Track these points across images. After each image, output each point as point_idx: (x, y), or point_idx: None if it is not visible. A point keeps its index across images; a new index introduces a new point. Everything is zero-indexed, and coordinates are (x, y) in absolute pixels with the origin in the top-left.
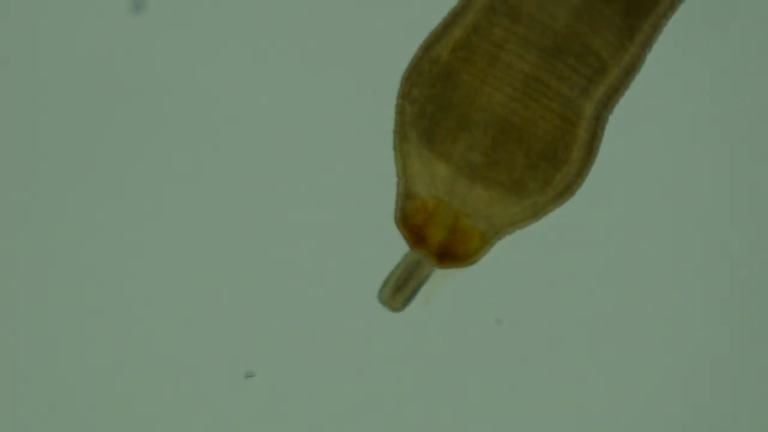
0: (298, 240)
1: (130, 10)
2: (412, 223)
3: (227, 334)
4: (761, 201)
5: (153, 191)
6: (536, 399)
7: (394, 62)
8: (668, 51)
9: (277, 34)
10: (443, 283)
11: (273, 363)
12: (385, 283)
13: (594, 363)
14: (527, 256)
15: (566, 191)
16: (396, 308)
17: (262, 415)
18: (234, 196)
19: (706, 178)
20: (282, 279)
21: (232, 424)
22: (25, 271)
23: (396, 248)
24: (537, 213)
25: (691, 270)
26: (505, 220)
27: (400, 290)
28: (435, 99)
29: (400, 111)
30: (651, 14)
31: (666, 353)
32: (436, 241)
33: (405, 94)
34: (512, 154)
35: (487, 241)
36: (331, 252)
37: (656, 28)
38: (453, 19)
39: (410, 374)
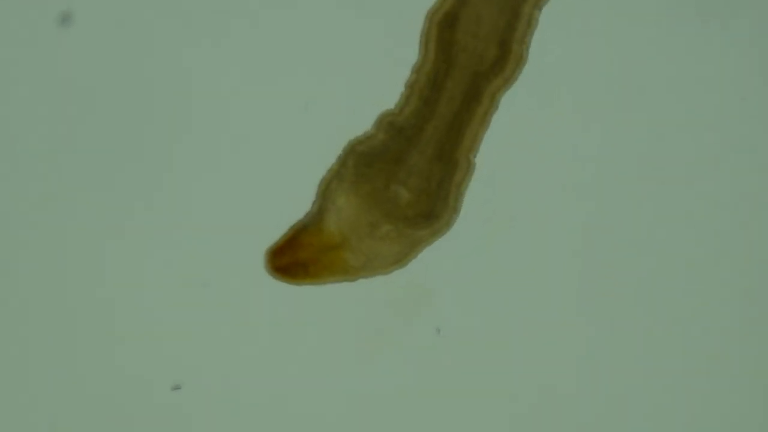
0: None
1: (58, 23)
2: (298, 238)
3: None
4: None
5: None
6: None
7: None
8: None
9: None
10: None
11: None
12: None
13: (533, 372)
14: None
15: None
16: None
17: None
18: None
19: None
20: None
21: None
22: None
23: None
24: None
25: (620, 274)
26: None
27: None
28: None
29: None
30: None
31: (592, 356)
32: (295, 259)
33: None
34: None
35: (348, 275)
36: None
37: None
38: None
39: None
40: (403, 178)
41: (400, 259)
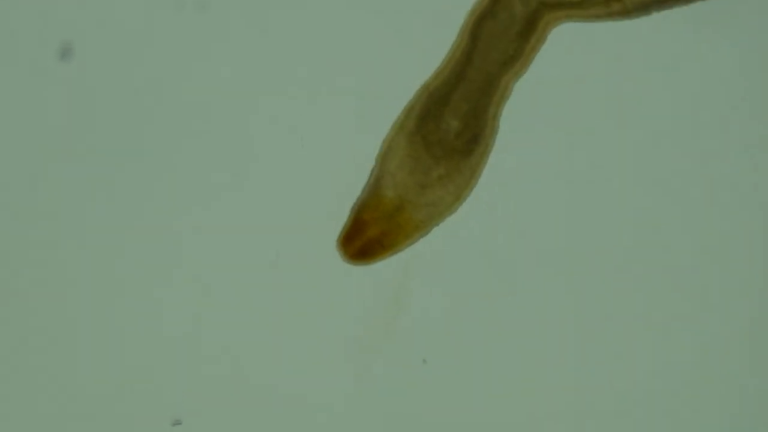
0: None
1: (58, 57)
2: (361, 217)
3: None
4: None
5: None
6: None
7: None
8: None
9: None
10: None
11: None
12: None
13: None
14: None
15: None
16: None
17: None
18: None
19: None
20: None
21: None
22: None
23: None
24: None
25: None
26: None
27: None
28: None
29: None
30: None
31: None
32: (368, 237)
33: None
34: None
35: (420, 230)
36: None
37: None
38: None
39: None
40: (451, 112)
41: (459, 195)
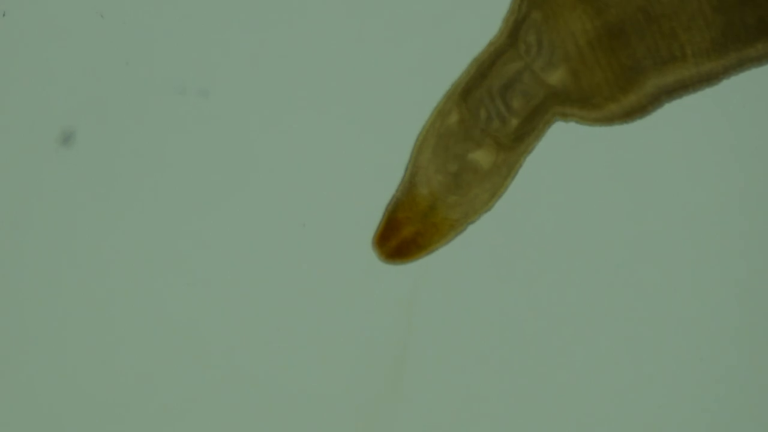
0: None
1: (58, 143)
2: (395, 216)
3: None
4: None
5: None
6: None
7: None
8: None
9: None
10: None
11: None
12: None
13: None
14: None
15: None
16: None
17: None
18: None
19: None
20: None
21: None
22: None
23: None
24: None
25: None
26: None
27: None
28: None
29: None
30: (743, 50)
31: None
32: (401, 237)
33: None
34: None
35: (455, 229)
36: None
37: (741, 64)
38: None
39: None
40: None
41: (495, 191)
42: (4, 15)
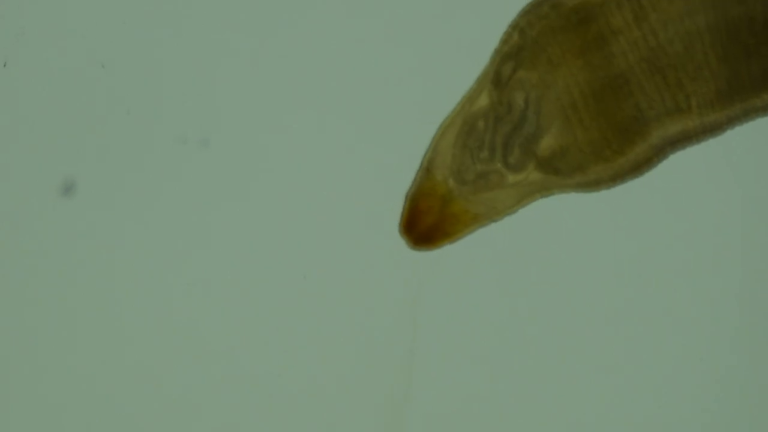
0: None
1: (60, 193)
2: (416, 206)
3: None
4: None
5: None
6: None
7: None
8: None
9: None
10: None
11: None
12: None
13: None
14: None
15: (592, 184)
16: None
17: None
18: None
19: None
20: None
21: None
22: None
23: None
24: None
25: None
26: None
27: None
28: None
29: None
30: (748, 100)
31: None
32: (426, 224)
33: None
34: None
35: (479, 222)
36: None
37: (746, 114)
38: None
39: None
40: None
41: (520, 198)
42: (5, 65)
